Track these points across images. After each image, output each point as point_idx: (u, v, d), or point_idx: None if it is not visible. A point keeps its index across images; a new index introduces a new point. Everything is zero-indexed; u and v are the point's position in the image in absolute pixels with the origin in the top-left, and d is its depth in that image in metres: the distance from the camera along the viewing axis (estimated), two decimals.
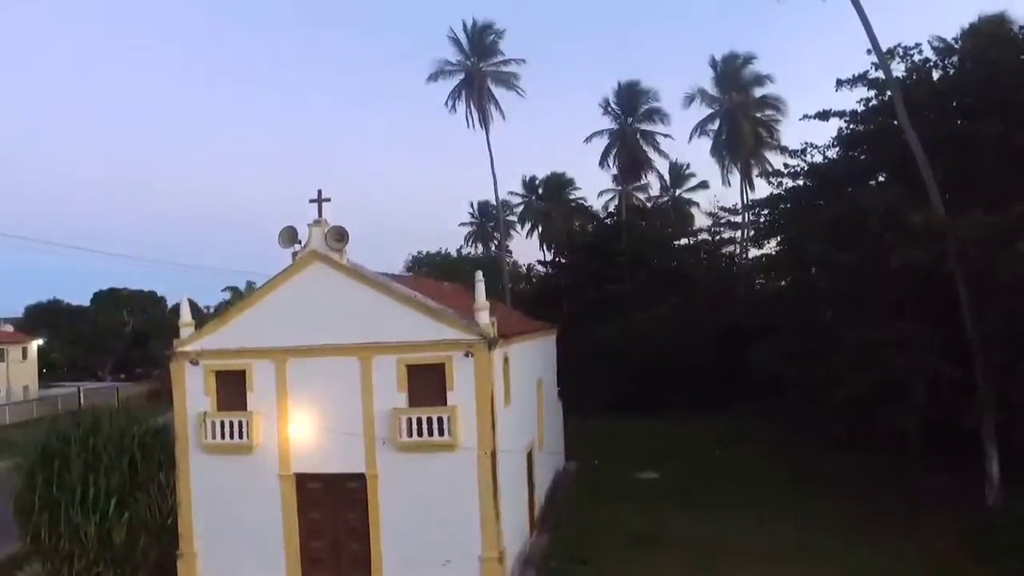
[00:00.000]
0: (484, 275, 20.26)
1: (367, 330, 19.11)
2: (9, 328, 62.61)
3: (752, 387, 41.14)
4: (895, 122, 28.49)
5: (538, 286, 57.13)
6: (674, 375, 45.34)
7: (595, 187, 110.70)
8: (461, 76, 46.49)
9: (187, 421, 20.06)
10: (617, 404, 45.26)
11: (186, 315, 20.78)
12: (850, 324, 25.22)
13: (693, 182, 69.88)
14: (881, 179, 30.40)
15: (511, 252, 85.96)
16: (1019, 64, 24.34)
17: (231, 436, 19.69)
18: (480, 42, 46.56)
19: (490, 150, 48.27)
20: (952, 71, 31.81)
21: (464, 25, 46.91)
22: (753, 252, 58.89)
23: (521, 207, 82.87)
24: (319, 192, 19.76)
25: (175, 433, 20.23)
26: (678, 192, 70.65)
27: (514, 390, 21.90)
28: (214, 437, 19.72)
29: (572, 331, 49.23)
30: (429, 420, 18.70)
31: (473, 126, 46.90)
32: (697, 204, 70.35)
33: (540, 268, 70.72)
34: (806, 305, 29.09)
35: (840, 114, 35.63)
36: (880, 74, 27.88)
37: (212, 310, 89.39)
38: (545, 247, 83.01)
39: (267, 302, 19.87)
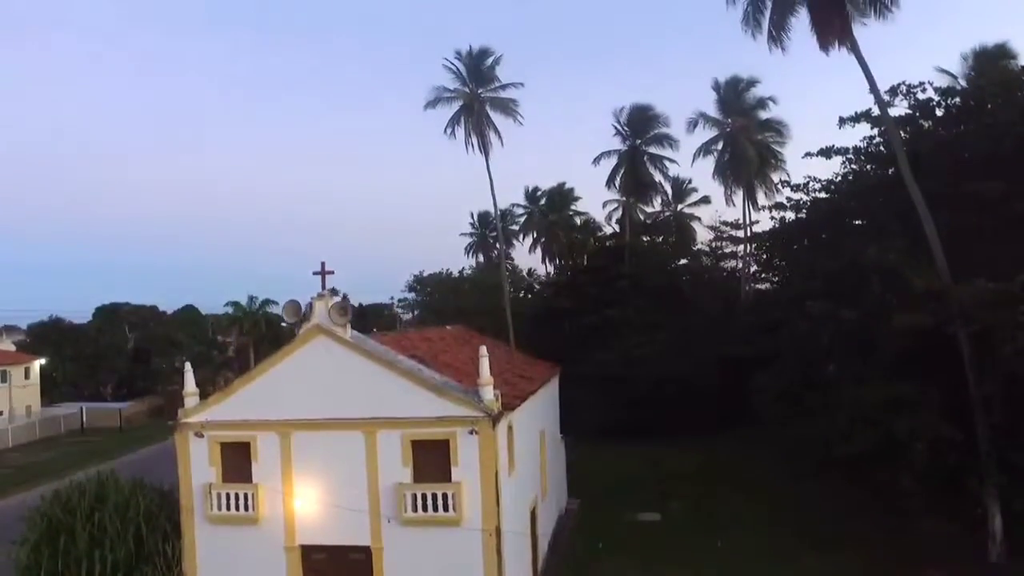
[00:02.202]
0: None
1: (372, 405, 19.19)
2: (12, 347, 62.73)
3: (753, 413, 41.23)
4: (891, 170, 28.50)
5: (540, 305, 57.25)
6: (675, 401, 45.33)
7: (597, 195, 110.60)
8: (460, 103, 46.38)
9: (192, 492, 20.13)
10: (617, 429, 45.27)
11: (190, 384, 20.80)
12: (852, 378, 25.23)
13: (695, 197, 70.00)
14: (882, 208, 30.36)
15: (512, 259, 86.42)
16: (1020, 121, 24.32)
17: (236, 507, 19.79)
18: (477, 68, 46.38)
19: (490, 175, 48.27)
20: (955, 110, 31.80)
21: (460, 53, 46.78)
22: (754, 265, 59.65)
23: (524, 217, 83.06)
24: (322, 264, 19.89)
25: (181, 502, 20.29)
26: (680, 207, 70.72)
27: (518, 454, 21.97)
28: (220, 508, 19.82)
29: (572, 355, 49.34)
30: (434, 496, 18.80)
31: (473, 152, 46.88)
32: (699, 219, 70.58)
33: (542, 286, 70.90)
34: (806, 342, 29.11)
35: (843, 151, 35.62)
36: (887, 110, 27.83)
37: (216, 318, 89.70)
38: (547, 261, 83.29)
39: (272, 375, 19.94)
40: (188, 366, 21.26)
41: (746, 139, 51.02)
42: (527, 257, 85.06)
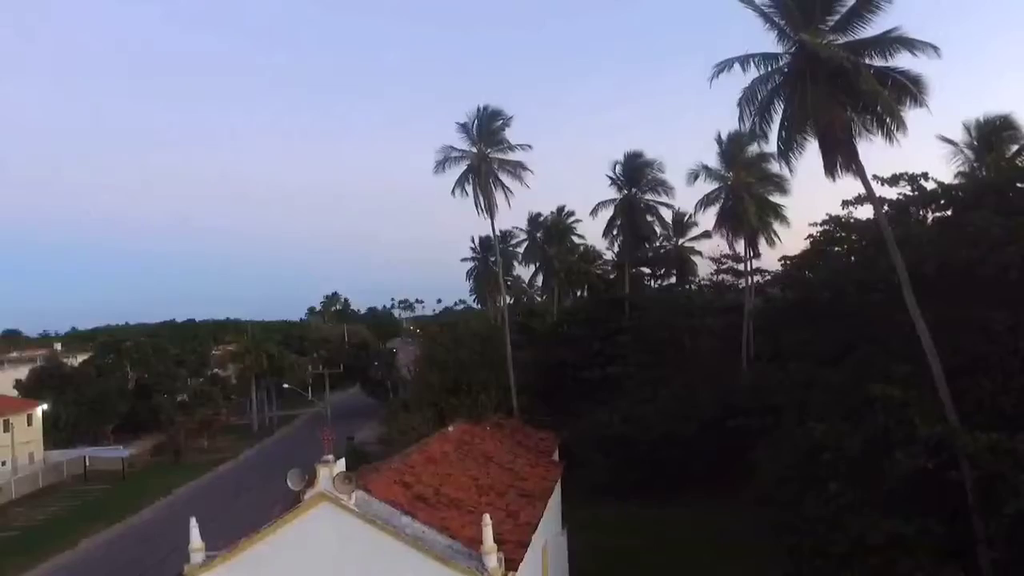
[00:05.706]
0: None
1: (378, 571, 19.20)
2: (14, 393, 62.75)
3: (754, 478, 41.15)
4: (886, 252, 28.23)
5: (543, 353, 57.34)
6: (675, 462, 45.23)
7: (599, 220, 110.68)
8: (467, 163, 46.21)
9: None
10: (615, 489, 45.23)
11: (195, 540, 20.72)
12: (854, 499, 25.23)
13: (696, 231, 69.92)
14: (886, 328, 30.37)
15: (513, 273, 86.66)
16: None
17: None
18: (488, 129, 46.28)
19: (494, 232, 48.23)
20: (960, 196, 31.67)
21: (477, 109, 46.71)
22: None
23: (525, 244, 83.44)
24: (326, 433, 19.79)
25: None
26: (681, 241, 70.68)
27: None
28: None
29: (573, 406, 49.43)
30: None
31: (481, 212, 46.84)
32: (700, 253, 70.53)
33: (543, 321, 71.06)
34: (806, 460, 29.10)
35: (841, 242, 35.57)
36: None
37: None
38: (546, 289, 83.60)
39: (277, 538, 19.88)
40: (193, 521, 21.13)
41: (747, 193, 50.97)
42: (528, 271, 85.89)
